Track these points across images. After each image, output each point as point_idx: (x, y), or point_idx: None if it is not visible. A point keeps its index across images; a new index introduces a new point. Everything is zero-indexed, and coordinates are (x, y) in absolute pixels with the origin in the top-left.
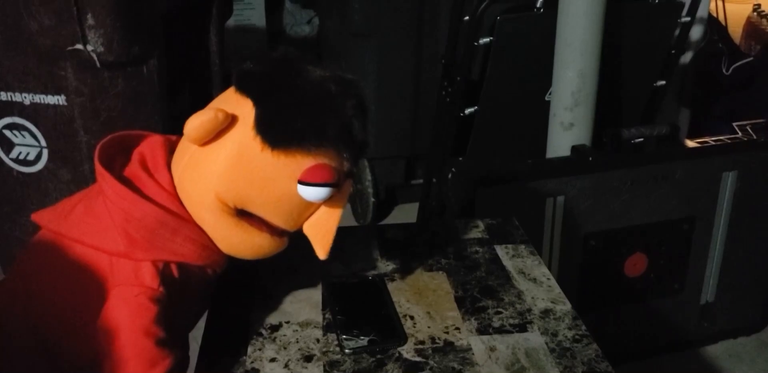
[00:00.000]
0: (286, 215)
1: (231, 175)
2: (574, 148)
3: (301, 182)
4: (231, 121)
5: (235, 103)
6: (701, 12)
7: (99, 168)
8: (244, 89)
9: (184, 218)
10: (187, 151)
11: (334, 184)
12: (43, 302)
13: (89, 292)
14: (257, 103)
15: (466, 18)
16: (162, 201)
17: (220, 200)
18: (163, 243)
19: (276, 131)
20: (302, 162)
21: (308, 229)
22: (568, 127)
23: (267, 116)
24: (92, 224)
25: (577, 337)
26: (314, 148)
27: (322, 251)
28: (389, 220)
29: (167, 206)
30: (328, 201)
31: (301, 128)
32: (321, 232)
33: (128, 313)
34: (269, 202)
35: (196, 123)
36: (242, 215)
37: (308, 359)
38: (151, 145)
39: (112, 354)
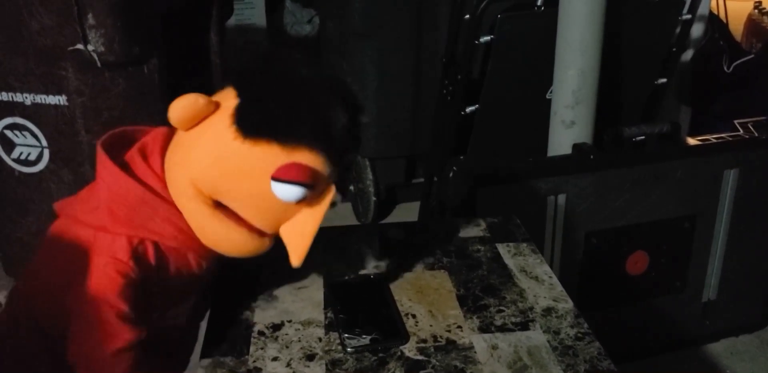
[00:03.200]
0: (260, 214)
1: (206, 162)
2: (575, 147)
3: (274, 179)
4: (214, 108)
5: (224, 94)
6: (702, 10)
7: (98, 151)
8: (232, 80)
9: (167, 200)
10: (175, 137)
11: (309, 185)
12: (43, 289)
13: (75, 266)
14: (239, 93)
15: (467, 16)
16: (148, 181)
17: (197, 187)
18: (141, 220)
19: (251, 120)
20: (277, 158)
21: (284, 233)
22: (569, 125)
23: (245, 106)
24: (86, 201)
25: (579, 335)
26: (288, 143)
27: (295, 258)
28: (390, 219)
29: (153, 186)
30: (308, 206)
31: (275, 120)
32: (296, 237)
33: (94, 282)
34: (242, 196)
35: (178, 105)
36: (223, 208)
37: (310, 358)
38: (155, 134)
39: (75, 323)
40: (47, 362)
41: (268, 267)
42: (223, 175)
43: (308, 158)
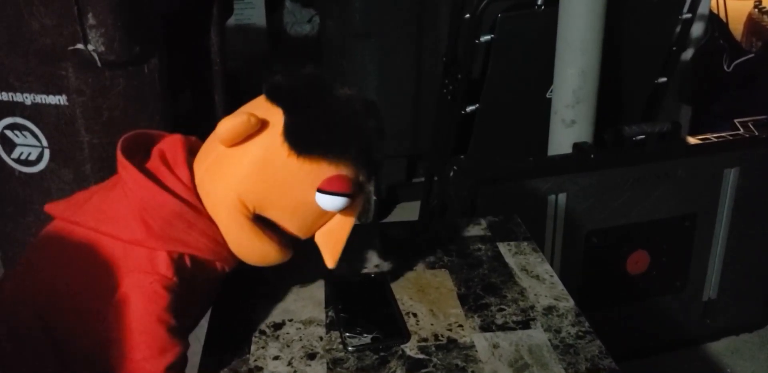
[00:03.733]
0: (300, 222)
1: (254, 177)
2: (575, 146)
3: (320, 190)
4: (262, 126)
5: (265, 110)
6: (702, 9)
7: (121, 158)
8: (275, 99)
9: (200, 212)
10: (213, 151)
11: (350, 195)
12: (51, 290)
13: (100, 278)
14: (287, 112)
15: (467, 16)
16: (180, 193)
17: (241, 201)
18: (178, 234)
19: (303, 139)
20: (323, 172)
21: (320, 238)
22: (569, 124)
23: (296, 125)
24: (108, 212)
25: (580, 333)
26: (336, 159)
27: (331, 260)
28: (391, 218)
29: (185, 198)
30: (342, 212)
31: (326, 139)
32: (332, 241)
33: (142, 300)
34: (287, 207)
35: (229, 125)
36: (257, 221)
37: (311, 356)
38: (171, 143)
39: (122, 340)
40: (51, 360)
41: (269, 267)
42: (270, 188)
43: (349, 171)
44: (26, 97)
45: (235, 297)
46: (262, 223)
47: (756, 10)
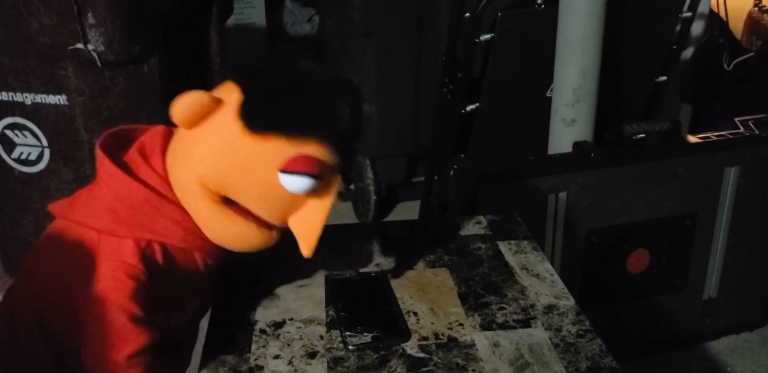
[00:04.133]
0: (268, 206)
1: (213, 158)
2: (575, 145)
3: (282, 171)
4: (218, 105)
5: (226, 90)
6: (702, 7)
7: (97, 152)
8: (234, 77)
9: (171, 200)
10: (177, 136)
11: (317, 176)
12: (43, 288)
13: (81, 270)
14: (244, 89)
15: (467, 15)
16: (151, 182)
17: (203, 183)
18: (146, 222)
19: (256, 115)
20: (284, 151)
21: (293, 224)
22: (569, 123)
23: (251, 100)
24: (88, 204)
25: (580, 332)
26: (295, 136)
27: (306, 248)
28: (391, 218)
29: (156, 187)
30: (315, 196)
31: (281, 114)
32: (306, 228)
33: (104, 287)
34: (250, 190)
35: (181, 104)
36: (229, 203)
37: (312, 355)
38: (152, 134)
39: (87, 328)
40: (49, 361)
41: (270, 265)
42: (230, 169)
43: (315, 150)
44: (26, 97)
45: (235, 296)
46: (237, 206)
47: (756, 8)
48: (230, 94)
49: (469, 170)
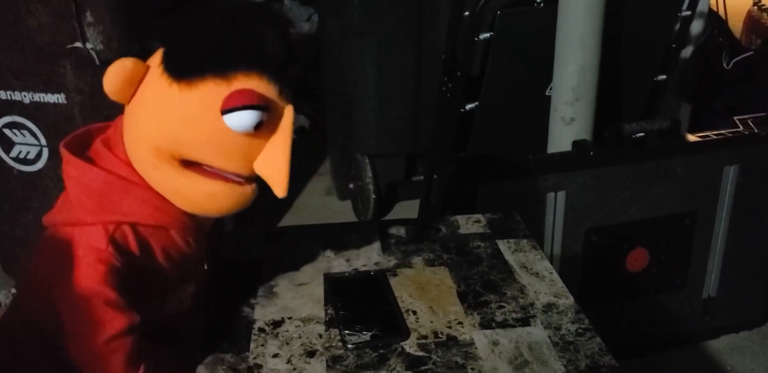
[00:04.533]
0: (227, 156)
1: (155, 121)
2: (575, 143)
3: (223, 112)
4: (146, 70)
5: (155, 56)
6: (701, 6)
7: (61, 149)
8: (156, 36)
9: (133, 181)
10: (125, 115)
11: (260, 107)
12: (36, 293)
13: (60, 265)
14: (163, 42)
15: (466, 13)
16: (114, 168)
17: (158, 151)
18: (111, 206)
19: (177, 63)
20: (218, 92)
21: (259, 168)
22: (569, 122)
23: (169, 51)
24: (62, 203)
25: (580, 331)
26: (222, 74)
27: (279, 189)
28: (390, 217)
29: (117, 171)
30: (271, 134)
31: (200, 55)
32: (272, 168)
33: (76, 274)
34: (202, 143)
35: (107, 76)
36: (190, 165)
37: (311, 354)
38: (116, 125)
39: (65, 317)
40: (45, 362)
41: (269, 264)
42: (175, 127)
43: (249, 83)
44: (25, 96)
45: (234, 295)
46: (200, 168)
47: (755, 7)
48: (157, 56)
49: (468, 169)
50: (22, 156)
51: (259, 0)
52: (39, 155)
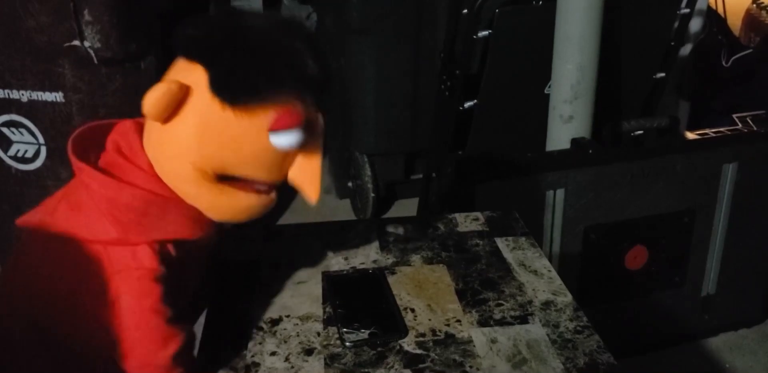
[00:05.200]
0: (267, 169)
1: (202, 143)
2: (573, 141)
3: (272, 132)
4: (187, 91)
5: (186, 72)
6: (700, 4)
7: (76, 161)
8: (191, 55)
9: (168, 196)
10: (153, 130)
11: (305, 127)
12: (43, 295)
13: (88, 282)
14: (207, 66)
15: (465, 11)
16: (144, 183)
17: (198, 169)
18: (154, 223)
19: (232, 88)
20: (268, 115)
21: (293, 177)
22: (567, 120)
23: (220, 75)
24: (79, 217)
25: (578, 328)
26: (273, 97)
27: (312, 195)
28: (389, 215)
29: (150, 187)
30: (304, 144)
31: (255, 81)
32: (306, 176)
33: (134, 296)
34: (246, 160)
35: (152, 100)
36: (223, 178)
37: (309, 352)
38: (123, 130)
39: (124, 339)
40: (46, 361)
41: (267, 262)
42: (222, 148)
43: (294, 103)
44: (23, 95)
45: (231, 293)
46: (229, 177)
47: (754, 5)
48: (191, 73)
49: (467, 167)
50: (20, 155)
51: (283, 16)
52: (37, 154)
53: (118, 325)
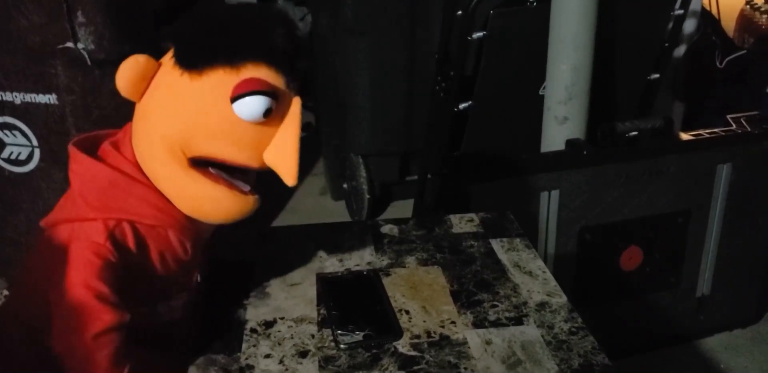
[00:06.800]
0: (238, 146)
1: (167, 113)
2: (568, 142)
3: (232, 100)
4: (158, 67)
5: (166, 56)
6: (694, 5)
7: (70, 147)
8: (166, 37)
9: (138, 180)
10: (135, 113)
11: (268, 93)
12: (27, 290)
13: (56, 260)
14: (174, 39)
15: (459, 13)
16: (120, 166)
17: (167, 145)
18: (114, 202)
19: (188, 54)
20: (228, 81)
21: (268, 158)
22: (562, 121)
23: (180, 44)
24: (64, 202)
25: (573, 329)
26: (232, 63)
27: (288, 178)
28: (384, 217)
29: (123, 169)
30: (279, 124)
31: (212, 46)
32: (281, 157)
33: (71, 267)
34: (213, 132)
35: (120, 72)
36: (198, 166)
37: (303, 354)
38: (125, 129)
39: (55, 308)
40: (33, 357)
41: (261, 264)
42: (188, 120)
43: (258, 72)
44: (16, 96)
45: (226, 295)
46: (205, 168)
47: (748, 6)
48: (168, 54)
49: (462, 168)
50: (13, 157)
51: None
52: (30, 156)
53: (53, 295)
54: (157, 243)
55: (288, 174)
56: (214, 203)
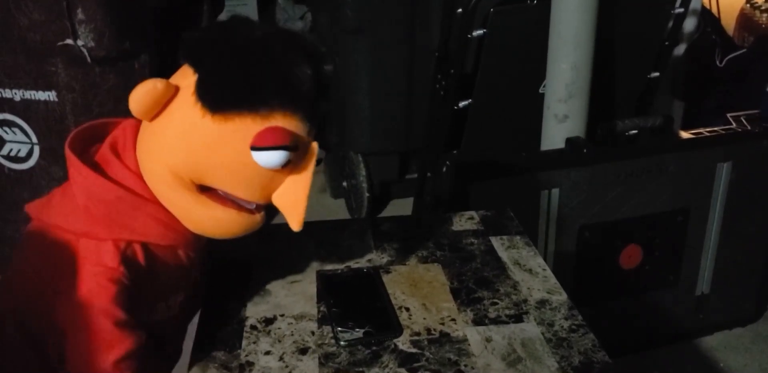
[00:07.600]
0: (247, 187)
1: (179, 146)
2: (568, 141)
3: (253, 148)
4: (176, 91)
5: (183, 74)
6: (694, 4)
7: (67, 152)
8: (187, 57)
9: (146, 197)
10: (143, 128)
11: (290, 147)
12: (24, 289)
13: (63, 274)
14: (197, 69)
15: (459, 11)
16: (124, 180)
17: (175, 173)
18: (123, 221)
19: (214, 95)
20: (251, 128)
21: (277, 200)
22: (562, 119)
23: (205, 81)
24: (63, 206)
25: (573, 327)
26: (258, 111)
27: (294, 223)
28: (384, 215)
29: (129, 185)
30: (294, 168)
31: (239, 90)
32: (290, 202)
33: (86, 293)
34: (225, 173)
35: (136, 96)
36: (205, 190)
37: (303, 351)
38: (124, 128)
39: (71, 335)
40: (33, 360)
41: (261, 261)
42: (199, 155)
43: (282, 121)
44: (15, 93)
45: (226, 292)
46: (213, 191)
47: (748, 5)
48: (186, 77)
49: (461, 166)
50: (12, 154)
51: (291, 29)
52: (30, 153)
53: (68, 321)
54: (165, 258)
55: (295, 220)
56: (222, 225)
